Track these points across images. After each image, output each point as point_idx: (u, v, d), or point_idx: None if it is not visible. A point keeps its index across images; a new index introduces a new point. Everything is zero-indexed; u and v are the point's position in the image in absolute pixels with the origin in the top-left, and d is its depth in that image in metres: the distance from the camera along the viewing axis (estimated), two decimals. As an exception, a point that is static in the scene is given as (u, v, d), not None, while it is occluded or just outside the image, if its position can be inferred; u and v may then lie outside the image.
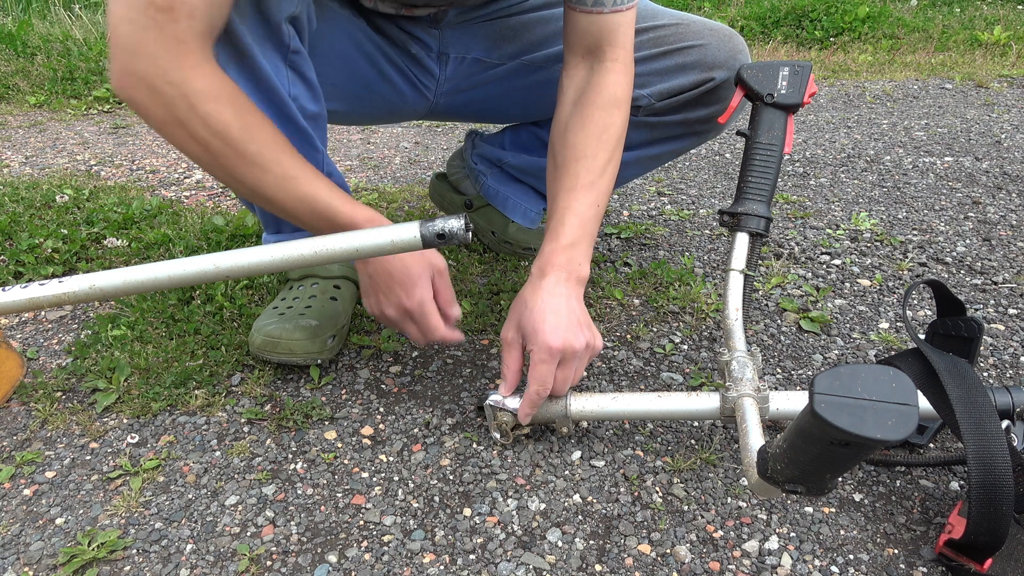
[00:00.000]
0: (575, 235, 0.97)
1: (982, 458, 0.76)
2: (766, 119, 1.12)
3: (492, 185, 1.45)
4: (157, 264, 0.88)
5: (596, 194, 0.99)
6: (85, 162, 2.13)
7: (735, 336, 0.99)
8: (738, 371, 0.93)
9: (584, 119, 1.00)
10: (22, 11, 3.74)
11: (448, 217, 0.84)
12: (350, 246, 0.85)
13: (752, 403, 0.88)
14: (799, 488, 0.68)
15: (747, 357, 0.95)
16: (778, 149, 1.11)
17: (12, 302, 0.91)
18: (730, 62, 1.15)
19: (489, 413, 0.97)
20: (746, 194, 1.10)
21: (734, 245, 1.09)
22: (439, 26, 1.16)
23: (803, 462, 0.65)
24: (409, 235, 0.84)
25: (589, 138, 0.99)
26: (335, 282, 1.19)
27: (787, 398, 0.94)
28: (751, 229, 1.09)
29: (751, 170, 1.11)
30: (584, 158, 0.99)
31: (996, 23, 4.35)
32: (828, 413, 0.54)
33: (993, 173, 2.12)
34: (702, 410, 0.94)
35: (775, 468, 0.68)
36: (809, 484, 0.68)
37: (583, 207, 0.98)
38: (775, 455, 0.68)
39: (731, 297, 1.04)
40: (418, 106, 1.26)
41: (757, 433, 0.83)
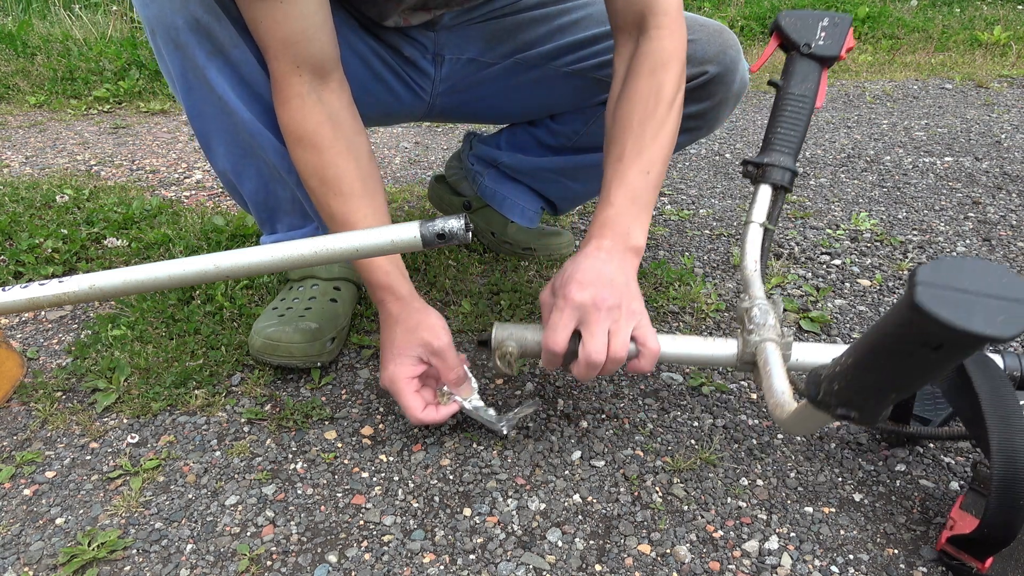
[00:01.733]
0: (621, 203, 0.93)
1: (1006, 450, 0.76)
2: (800, 70, 1.08)
3: (489, 185, 1.45)
4: (157, 264, 0.88)
5: (645, 161, 0.94)
6: (85, 162, 2.13)
7: (754, 285, 0.96)
8: (760, 317, 0.89)
9: (630, 90, 0.97)
10: (22, 11, 3.73)
11: (448, 217, 0.84)
12: (350, 246, 0.85)
13: (775, 348, 0.85)
14: (852, 413, 0.62)
15: (768, 304, 0.91)
16: (810, 102, 1.07)
17: (12, 302, 0.91)
18: (720, 57, 1.15)
19: (496, 340, 0.91)
20: (773, 145, 1.06)
21: (756, 197, 1.04)
22: (435, 28, 1.17)
23: (874, 375, 0.57)
24: (409, 235, 0.84)
25: (636, 106, 0.96)
26: (335, 283, 1.19)
27: (808, 349, 0.91)
28: (775, 181, 1.05)
29: (780, 121, 1.07)
30: (631, 126, 0.95)
31: (996, 23, 4.35)
32: (932, 304, 0.47)
33: (993, 173, 2.12)
34: (719, 356, 0.90)
35: (830, 389, 0.62)
36: (867, 407, 0.61)
37: (631, 175, 0.94)
38: (834, 374, 0.62)
39: (749, 249, 1.00)
40: (414, 108, 1.26)
41: (782, 375, 0.79)
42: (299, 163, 0.94)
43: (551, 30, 1.20)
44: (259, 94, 0.96)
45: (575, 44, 1.20)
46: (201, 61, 0.90)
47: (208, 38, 0.89)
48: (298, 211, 1.11)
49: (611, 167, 0.95)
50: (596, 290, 0.85)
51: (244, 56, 0.92)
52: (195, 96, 0.95)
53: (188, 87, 0.94)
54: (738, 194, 1.95)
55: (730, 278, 1.47)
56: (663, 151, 0.96)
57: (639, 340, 0.88)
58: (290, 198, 1.08)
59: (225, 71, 0.92)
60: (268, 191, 1.07)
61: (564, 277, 0.88)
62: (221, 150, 1.02)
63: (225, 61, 0.92)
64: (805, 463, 0.98)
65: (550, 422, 1.04)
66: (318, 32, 0.89)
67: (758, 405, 1.09)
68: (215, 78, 0.92)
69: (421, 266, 1.44)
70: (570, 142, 1.33)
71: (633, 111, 0.95)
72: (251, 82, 0.95)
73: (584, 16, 1.20)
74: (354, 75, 1.15)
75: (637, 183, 0.94)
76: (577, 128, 1.31)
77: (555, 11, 1.20)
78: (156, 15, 0.89)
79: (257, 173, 1.05)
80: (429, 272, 1.41)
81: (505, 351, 0.91)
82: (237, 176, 1.06)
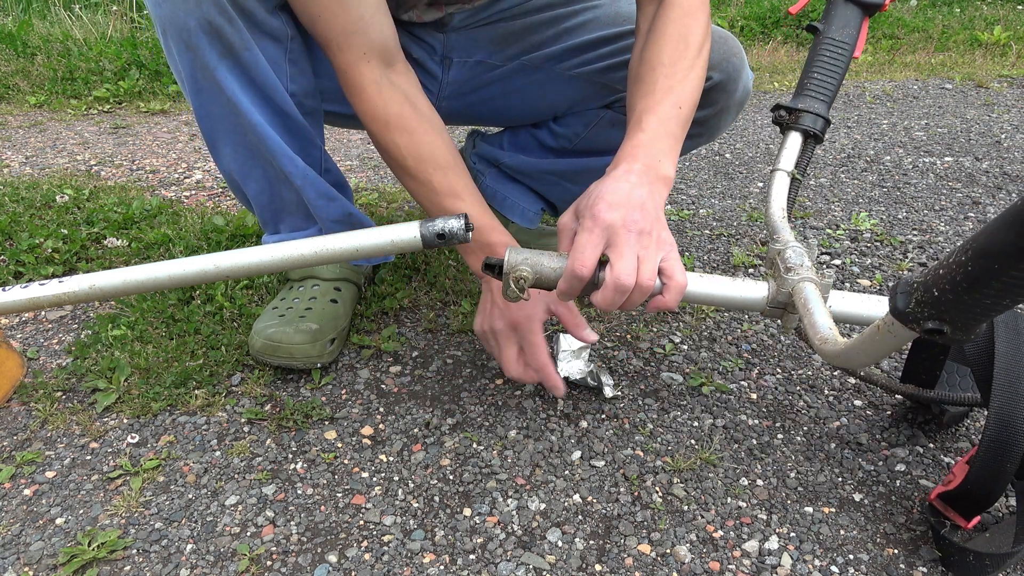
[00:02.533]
0: (653, 130, 0.88)
1: (1003, 414, 0.76)
2: (842, 15, 1.04)
3: (490, 184, 1.45)
4: (157, 264, 0.88)
5: (676, 96, 0.90)
6: (85, 162, 2.13)
7: (783, 231, 0.92)
8: (795, 258, 0.85)
9: (658, 34, 0.94)
10: (22, 11, 3.73)
11: (448, 217, 0.84)
12: (350, 246, 0.85)
13: (815, 287, 0.81)
14: (945, 327, 0.56)
15: (802, 247, 0.87)
16: (849, 49, 1.03)
17: (12, 302, 0.91)
18: (723, 64, 1.15)
19: (509, 264, 0.83)
20: (808, 90, 1.02)
21: (785, 144, 1.00)
22: (444, 30, 1.17)
23: (995, 271, 0.49)
24: (409, 235, 0.84)
25: (665, 48, 0.93)
26: (336, 284, 1.19)
27: (845, 298, 0.87)
28: (806, 127, 1.00)
29: (817, 66, 1.02)
30: (661, 65, 0.92)
31: (996, 23, 4.35)
32: None
33: (993, 173, 2.12)
34: (748, 297, 0.86)
35: (927, 298, 0.55)
36: (967, 318, 0.55)
37: (663, 107, 0.89)
38: (935, 278, 0.55)
39: (775, 196, 0.96)
40: None
41: (824, 312, 0.76)
42: (390, 146, 0.95)
43: (558, 32, 1.20)
44: (269, 97, 0.96)
45: (581, 46, 1.20)
46: (212, 62, 0.90)
47: (220, 40, 0.89)
48: (302, 212, 1.10)
49: (642, 99, 0.91)
50: (627, 212, 0.80)
51: (255, 58, 0.92)
52: (204, 97, 0.95)
53: (197, 88, 0.94)
54: (738, 194, 1.95)
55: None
56: (693, 93, 0.92)
57: (665, 272, 0.82)
58: (295, 200, 1.08)
59: (236, 73, 0.92)
60: (273, 192, 1.07)
61: (592, 198, 0.83)
62: (228, 151, 1.02)
63: (236, 63, 0.92)
64: (805, 463, 0.98)
65: (550, 422, 1.04)
66: (376, 15, 0.90)
67: (758, 405, 1.09)
68: (225, 80, 0.92)
69: (421, 266, 1.44)
70: (571, 144, 1.34)
71: (663, 51, 0.92)
72: (261, 84, 0.95)
73: (592, 19, 1.20)
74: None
75: (668, 114, 0.89)
76: (578, 131, 1.31)
77: (563, 13, 1.20)
78: (168, 15, 0.88)
79: (263, 174, 1.05)
80: (429, 272, 1.41)
81: (520, 275, 0.83)
82: (243, 177, 1.06)
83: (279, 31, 0.94)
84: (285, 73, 0.97)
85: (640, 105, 0.91)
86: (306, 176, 1.04)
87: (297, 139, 1.02)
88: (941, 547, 0.82)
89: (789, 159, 0.99)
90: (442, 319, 1.28)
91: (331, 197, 1.08)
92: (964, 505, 0.82)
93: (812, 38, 1.11)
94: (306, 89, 1.02)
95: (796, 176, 0.99)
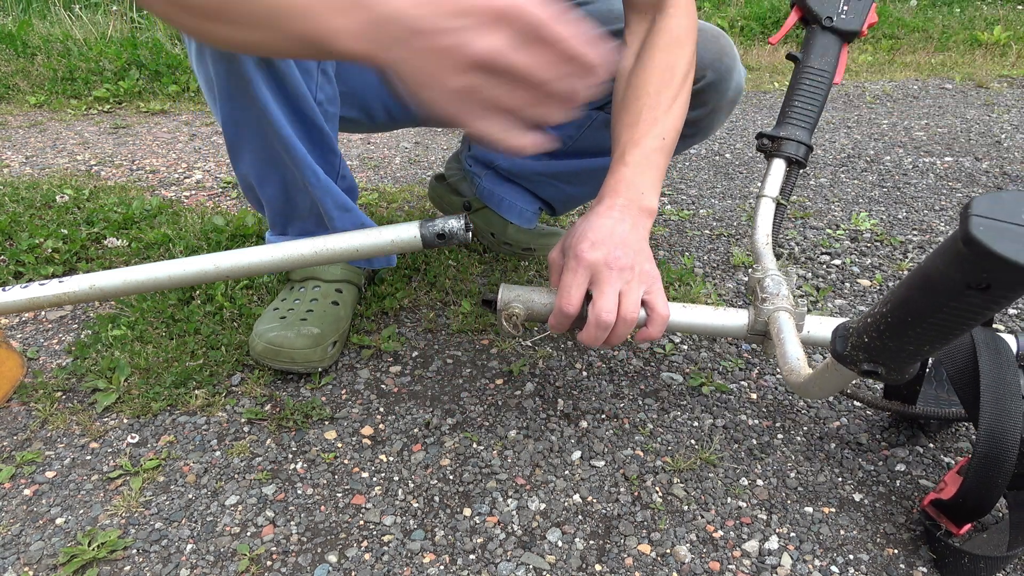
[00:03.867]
0: (635, 163, 0.90)
1: (993, 432, 0.77)
2: (821, 43, 1.07)
3: (486, 186, 1.45)
4: (157, 264, 0.88)
5: (660, 128, 0.93)
6: (85, 162, 2.13)
7: (765, 258, 0.95)
8: (773, 287, 0.89)
9: (645, 61, 0.96)
10: (22, 11, 3.73)
11: (448, 217, 0.85)
12: (350, 246, 0.85)
13: (789, 317, 0.84)
14: (879, 369, 0.60)
15: (780, 276, 0.90)
16: (829, 77, 1.05)
17: (12, 302, 0.91)
18: (716, 64, 1.15)
19: (502, 301, 0.89)
20: (789, 119, 1.05)
21: (769, 171, 1.03)
22: None
23: (911, 323, 0.54)
24: (409, 235, 0.84)
25: (651, 78, 0.95)
26: (337, 286, 1.19)
27: (820, 322, 0.90)
28: (789, 155, 1.03)
29: (797, 95, 1.05)
30: (647, 95, 0.94)
31: (996, 23, 4.34)
32: (987, 237, 0.43)
33: (993, 173, 2.12)
34: (730, 325, 0.89)
35: (859, 343, 0.60)
36: (896, 360, 0.59)
37: (647, 140, 0.92)
38: (865, 325, 0.59)
39: (760, 223, 0.99)
40: (416, 116, 1.26)
41: (796, 343, 0.79)
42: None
43: None
44: (298, 107, 0.96)
45: None
46: (249, 71, 0.90)
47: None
48: (313, 219, 1.11)
49: (625, 131, 0.93)
50: (609, 249, 0.83)
51: (288, 68, 0.92)
52: (235, 104, 0.94)
53: (229, 95, 0.93)
54: (738, 194, 1.95)
55: (730, 278, 1.47)
56: (677, 122, 0.95)
57: (649, 304, 0.85)
58: (308, 207, 1.08)
59: (271, 83, 0.92)
60: (288, 198, 1.07)
61: (576, 236, 0.86)
62: (248, 157, 1.02)
63: (271, 73, 0.92)
64: (805, 463, 0.98)
65: (550, 422, 1.04)
66: None
67: (758, 405, 1.09)
68: (260, 90, 0.92)
69: (421, 266, 1.44)
70: (564, 146, 1.34)
71: (649, 80, 0.94)
72: (292, 94, 0.95)
73: (585, 15, 1.20)
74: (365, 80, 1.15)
75: (651, 145, 0.92)
76: (572, 133, 1.32)
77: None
78: None
79: (281, 180, 1.05)
80: (429, 272, 1.41)
81: (512, 312, 0.89)
82: (260, 181, 1.06)
83: None
84: (315, 82, 0.97)
85: (624, 137, 0.93)
86: (327, 188, 1.05)
87: (319, 148, 1.03)
88: (936, 550, 0.83)
89: (774, 185, 1.03)
90: (442, 319, 1.28)
91: (347, 208, 1.09)
92: (957, 515, 0.82)
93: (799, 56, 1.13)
94: (331, 96, 1.03)
95: (781, 202, 1.02)
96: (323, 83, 0.99)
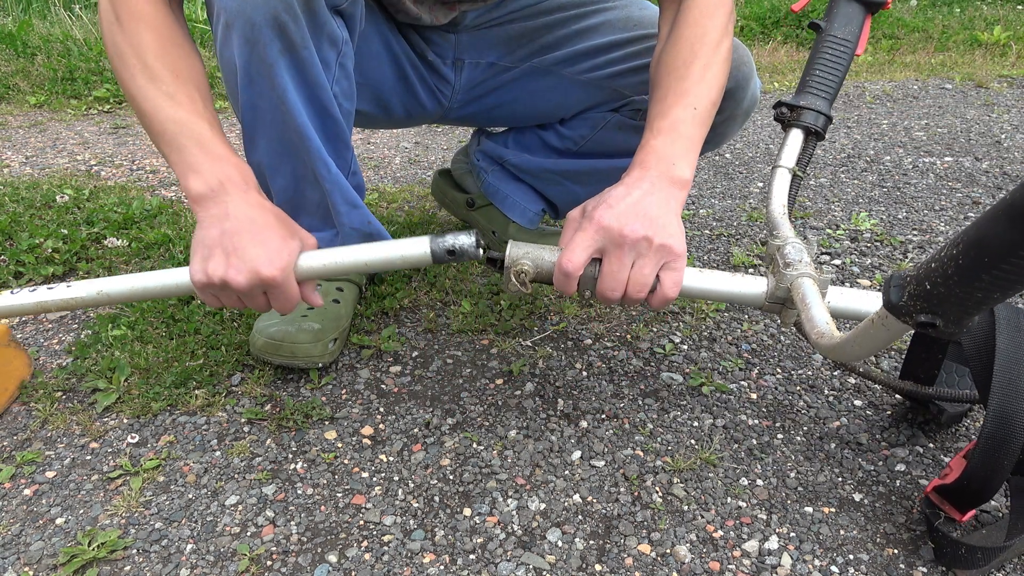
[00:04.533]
0: (666, 133, 0.87)
1: (1002, 412, 0.76)
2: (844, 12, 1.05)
3: (492, 182, 1.45)
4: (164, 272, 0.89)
5: (691, 98, 0.89)
6: (85, 162, 2.13)
7: (783, 227, 0.93)
8: (795, 254, 0.86)
9: (675, 39, 0.95)
10: (22, 11, 3.73)
11: (458, 233, 0.83)
12: (358, 260, 0.85)
13: (812, 283, 0.82)
14: (937, 320, 0.56)
15: (801, 243, 0.88)
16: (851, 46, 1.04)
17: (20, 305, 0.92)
18: (733, 72, 1.13)
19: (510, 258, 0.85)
20: (809, 87, 1.03)
21: (786, 141, 1.01)
22: (456, 31, 1.17)
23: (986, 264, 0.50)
24: (419, 250, 0.83)
25: (681, 51, 0.93)
26: (337, 284, 1.19)
27: (843, 293, 0.88)
28: (807, 124, 1.01)
29: (819, 63, 1.03)
30: (676, 69, 0.91)
31: (996, 23, 4.34)
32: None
33: (993, 173, 2.12)
34: (748, 292, 0.87)
35: (920, 291, 0.56)
36: (959, 310, 0.55)
37: (677, 110, 0.89)
38: (927, 271, 0.55)
39: (776, 193, 0.97)
40: (433, 113, 1.27)
41: (822, 307, 0.77)
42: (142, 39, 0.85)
43: (569, 34, 1.20)
44: (316, 96, 0.96)
45: (592, 50, 1.20)
46: (271, 58, 0.90)
47: (283, 36, 0.89)
48: (321, 214, 1.10)
49: (656, 104, 0.91)
50: (628, 219, 0.79)
51: (311, 57, 0.92)
52: (254, 90, 0.94)
53: (250, 80, 0.93)
54: (738, 194, 1.95)
55: (730, 278, 1.47)
56: (711, 91, 0.92)
57: (659, 278, 0.82)
58: (317, 201, 1.08)
59: (292, 70, 0.92)
60: (297, 190, 1.07)
61: (599, 199, 0.83)
62: (263, 144, 1.01)
63: (293, 60, 0.92)
64: (805, 463, 0.98)
65: (550, 422, 1.04)
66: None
67: (758, 405, 1.09)
68: (280, 76, 0.92)
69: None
70: (576, 147, 1.34)
71: (679, 55, 0.93)
72: (312, 83, 0.95)
73: (603, 22, 1.20)
74: (388, 76, 1.15)
75: (683, 116, 0.88)
76: (585, 133, 1.32)
77: (575, 15, 1.20)
78: (237, 8, 0.87)
79: (292, 171, 1.04)
80: (429, 272, 1.41)
81: (521, 269, 0.84)
82: (271, 170, 1.05)
83: (336, 34, 0.94)
84: (333, 75, 0.97)
85: (655, 110, 0.91)
86: (337, 182, 1.05)
87: (334, 142, 1.03)
88: (934, 539, 0.83)
89: (791, 156, 1.00)
90: (442, 319, 1.28)
91: (355, 204, 1.09)
92: (960, 499, 0.82)
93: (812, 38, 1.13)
94: (347, 91, 1.02)
95: (797, 173, 0.99)
96: (340, 76, 0.99)
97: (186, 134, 0.84)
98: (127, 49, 0.84)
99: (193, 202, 0.84)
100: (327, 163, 1.02)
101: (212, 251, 0.82)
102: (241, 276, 0.81)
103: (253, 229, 0.83)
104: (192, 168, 0.84)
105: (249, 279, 0.81)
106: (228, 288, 0.82)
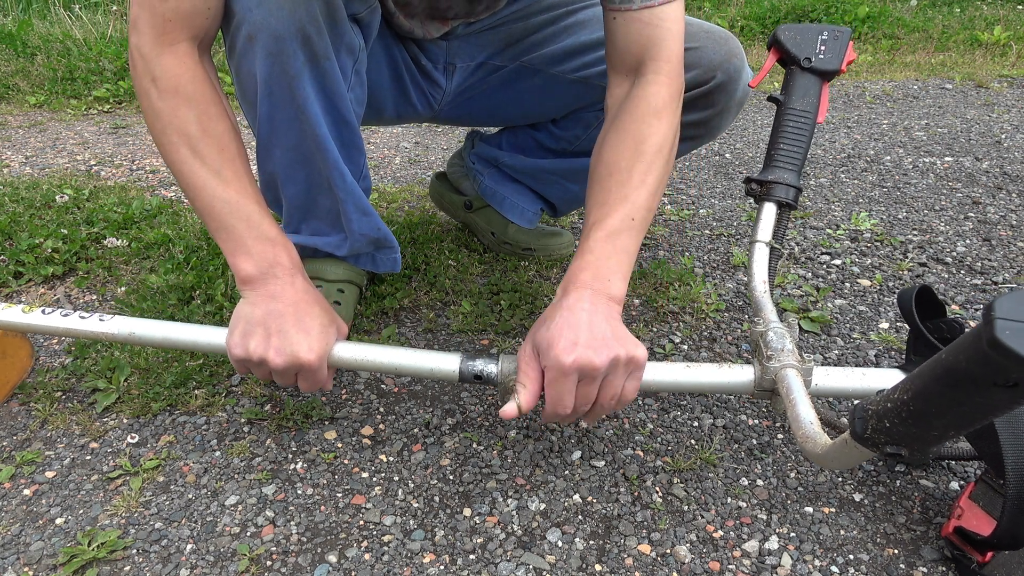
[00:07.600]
0: (602, 250, 0.87)
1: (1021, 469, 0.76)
2: (801, 85, 1.07)
3: (489, 185, 1.45)
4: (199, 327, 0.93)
5: (630, 207, 0.89)
6: (85, 162, 2.13)
7: (765, 308, 0.94)
8: (776, 342, 0.86)
9: (619, 132, 0.93)
10: (22, 11, 3.74)
11: (488, 360, 0.87)
12: (391, 362, 0.88)
13: (796, 374, 0.83)
14: (903, 451, 0.59)
15: (783, 328, 0.89)
16: (811, 117, 1.05)
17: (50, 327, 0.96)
18: (725, 65, 1.15)
19: (502, 374, 0.86)
20: (776, 162, 1.05)
21: (760, 215, 1.03)
22: (448, 38, 1.17)
23: (934, 413, 0.54)
24: (448, 367, 0.87)
25: (624, 151, 0.92)
26: (339, 286, 1.19)
27: (829, 374, 0.88)
28: (779, 198, 1.03)
29: (782, 137, 1.05)
30: (618, 171, 0.91)
31: (996, 23, 4.35)
32: (1013, 341, 0.43)
33: (993, 173, 2.12)
34: (735, 383, 0.87)
35: (880, 426, 0.59)
36: (919, 445, 0.58)
37: (614, 221, 0.89)
38: (885, 410, 0.58)
39: (756, 270, 0.99)
40: (423, 115, 1.27)
41: (807, 403, 0.78)
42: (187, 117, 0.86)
43: (557, 31, 1.20)
44: (336, 106, 0.96)
45: (580, 48, 1.20)
46: (295, 69, 0.89)
47: (306, 47, 0.88)
48: (330, 220, 1.10)
49: (595, 211, 0.91)
50: (587, 351, 0.80)
51: (332, 67, 0.92)
52: (274, 101, 0.93)
53: (270, 91, 0.92)
54: (738, 194, 1.95)
55: (730, 278, 1.47)
56: (651, 199, 0.91)
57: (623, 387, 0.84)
58: (328, 208, 1.08)
59: (314, 82, 0.92)
60: (309, 197, 1.06)
61: (550, 335, 0.82)
62: (278, 154, 1.01)
63: (316, 71, 0.91)
64: (805, 463, 0.98)
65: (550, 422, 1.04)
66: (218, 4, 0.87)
67: (758, 405, 1.09)
68: (303, 87, 0.91)
69: (421, 266, 1.44)
70: (571, 146, 1.34)
71: (622, 154, 0.92)
72: (332, 93, 0.95)
73: (591, 17, 1.20)
74: (381, 78, 1.15)
75: (618, 227, 0.89)
76: (578, 133, 1.32)
77: (562, 12, 1.21)
78: (262, 21, 0.86)
79: (306, 179, 1.04)
80: (429, 272, 1.41)
81: (512, 386, 0.85)
82: (285, 179, 1.05)
83: (353, 42, 0.94)
84: (350, 82, 0.97)
85: (593, 216, 0.91)
86: (351, 191, 1.05)
87: (349, 148, 1.03)
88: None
89: (766, 230, 1.02)
90: (442, 319, 1.28)
91: (367, 212, 1.09)
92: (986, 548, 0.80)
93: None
94: (360, 98, 1.03)
95: (775, 246, 1.01)
96: (355, 84, 0.99)
97: (236, 215, 0.85)
98: (169, 123, 0.85)
99: (241, 282, 0.87)
100: (343, 173, 1.02)
101: (254, 328, 0.84)
102: (280, 358, 0.83)
103: (297, 315, 0.85)
104: (243, 249, 0.86)
105: (288, 362, 0.83)
106: (264, 366, 0.84)
